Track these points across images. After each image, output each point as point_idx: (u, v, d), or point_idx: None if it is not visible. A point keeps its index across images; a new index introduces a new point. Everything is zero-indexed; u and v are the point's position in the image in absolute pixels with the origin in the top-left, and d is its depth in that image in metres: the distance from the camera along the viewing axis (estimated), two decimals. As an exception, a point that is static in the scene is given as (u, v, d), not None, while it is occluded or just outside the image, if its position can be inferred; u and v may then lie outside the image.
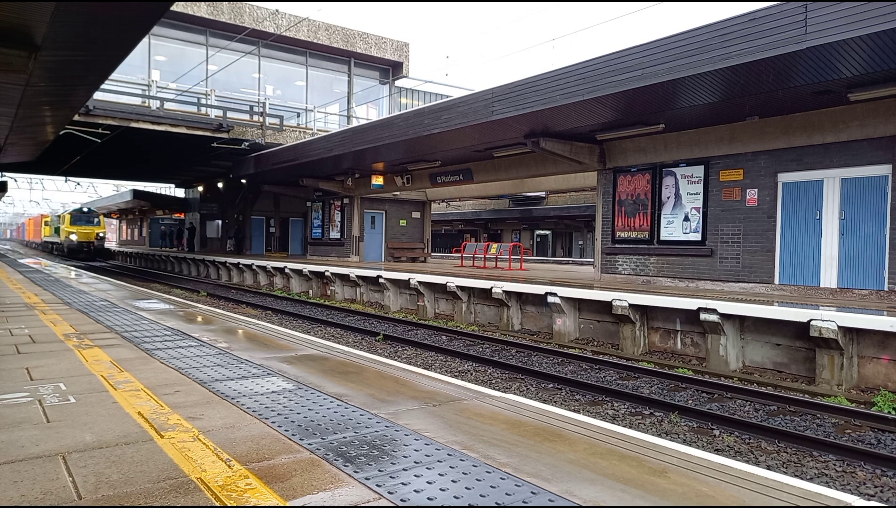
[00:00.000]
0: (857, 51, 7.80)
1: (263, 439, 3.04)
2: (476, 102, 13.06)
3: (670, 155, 13.31)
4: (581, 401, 7.44)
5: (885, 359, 7.88)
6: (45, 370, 4.51)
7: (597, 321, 11.57)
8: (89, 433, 3.07)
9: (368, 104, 30.08)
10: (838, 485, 4.95)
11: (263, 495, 2.36)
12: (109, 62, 8.18)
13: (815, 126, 10.92)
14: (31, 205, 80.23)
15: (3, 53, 7.04)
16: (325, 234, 26.64)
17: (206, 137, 21.88)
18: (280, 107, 26.58)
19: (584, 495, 2.44)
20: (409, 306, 16.46)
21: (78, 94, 10.30)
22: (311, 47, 27.95)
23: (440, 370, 9.01)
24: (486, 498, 2.38)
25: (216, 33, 25.31)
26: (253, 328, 7.29)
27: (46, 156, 21.10)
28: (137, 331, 6.57)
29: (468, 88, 32.97)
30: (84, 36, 7.04)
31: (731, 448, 5.80)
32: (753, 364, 9.29)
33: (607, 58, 10.22)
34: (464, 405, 3.83)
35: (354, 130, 18.64)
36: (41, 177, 53.20)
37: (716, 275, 12.46)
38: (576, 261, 35.15)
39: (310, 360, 5.22)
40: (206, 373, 4.53)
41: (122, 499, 2.30)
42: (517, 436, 3.20)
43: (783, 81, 9.11)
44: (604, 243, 14.87)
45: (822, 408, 6.94)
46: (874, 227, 10.39)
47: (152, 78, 23.32)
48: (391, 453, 2.87)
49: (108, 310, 8.46)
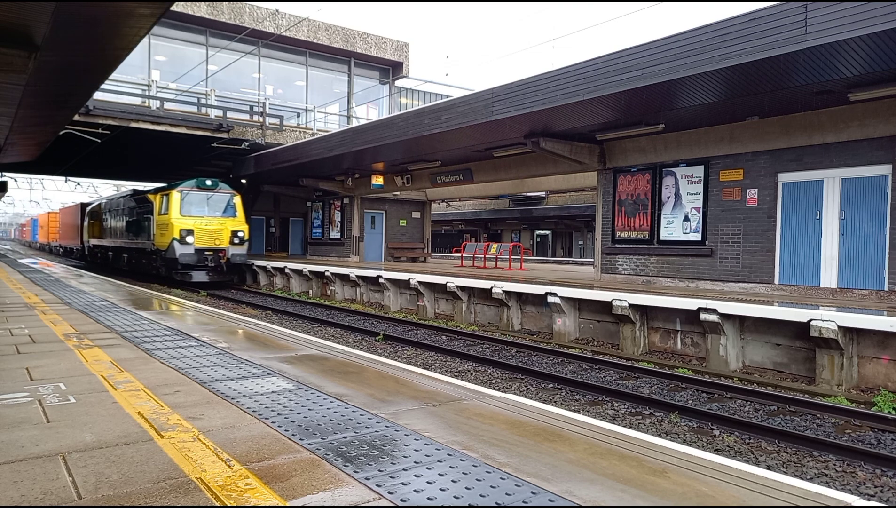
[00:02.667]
0: (857, 51, 7.80)
1: (263, 439, 3.04)
2: (476, 102, 13.06)
3: (670, 155, 13.31)
4: (581, 401, 7.44)
5: (885, 359, 7.88)
6: (45, 370, 4.51)
7: (597, 320, 11.57)
8: (89, 433, 3.07)
9: (368, 104, 30.08)
10: (838, 485, 4.95)
11: (263, 495, 2.36)
12: (109, 62, 8.18)
13: (815, 126, 10.91)
14: (31, 205, 79.31)
15: (3, 53, 7.04)
16: (325, 234, 26.64)
17: (206, 137, 21.88)
18: (280, 107, 26.58)
19: (584, 495, 2.44)
20: (409, 306, 16.46)
21: (78, 94, 10.30)
22: (311, 47, 27.94)
23: (440, 370, 9.01)
24: (487, 498, 2.38)
25: (216, 33, 25.30)
26: (253, 328, 7.29)
27: (46, 156, 21.07)
28: (137, 331, 6.57)
29: (468, 88, 32.99)
30: (84, 36, 7.04)
31: (731, 447, 5.80)
32: (753, 364, 9.29)
33: (607, 58, 10.21)
34: (464, 405, 3.83)
35: (354, 130, 18.63)
36: (41, 177, 47.11)
37: (716, 275, 12.46)
38: (576, 261, 35.15)
39: (310, 360, 5.22)
40: (206, 373, 4.53)
41: (122, 499, 2.30)
42: (517, 436, 3.20)
43: (783, 81, 9.11)
44: (604, 243, 14.87)
45: (822, 408, 6.94)
46: (874, 227, 10.39)
47: (152, 78, 23.32)
48: (391, 453, 2.87)
49: (108, 310, 8.46)
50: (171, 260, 19.88)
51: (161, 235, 20.53)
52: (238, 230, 20.97)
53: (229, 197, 21.55)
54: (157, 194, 21.54)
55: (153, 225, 21.45)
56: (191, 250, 19.74)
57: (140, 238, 23.03)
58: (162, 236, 20.45)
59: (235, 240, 20.86)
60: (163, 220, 20.61)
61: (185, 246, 19.69)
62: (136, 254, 23.87)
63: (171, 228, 19.90)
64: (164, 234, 20.26)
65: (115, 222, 26.89)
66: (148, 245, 21.99)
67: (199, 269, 20.17)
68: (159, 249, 20.69)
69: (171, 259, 19.84)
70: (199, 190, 20.84)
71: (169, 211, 20.18)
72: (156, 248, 21.10)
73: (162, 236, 20.43)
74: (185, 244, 19.61)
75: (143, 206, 22.93)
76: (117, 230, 26.52)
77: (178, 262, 19.65)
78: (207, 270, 20.41)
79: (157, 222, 21.09)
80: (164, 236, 20.24)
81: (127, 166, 30.69)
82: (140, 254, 23.32)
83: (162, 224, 20.59)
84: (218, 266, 20.58)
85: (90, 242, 32.26)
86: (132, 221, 24.26)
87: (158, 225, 20.93)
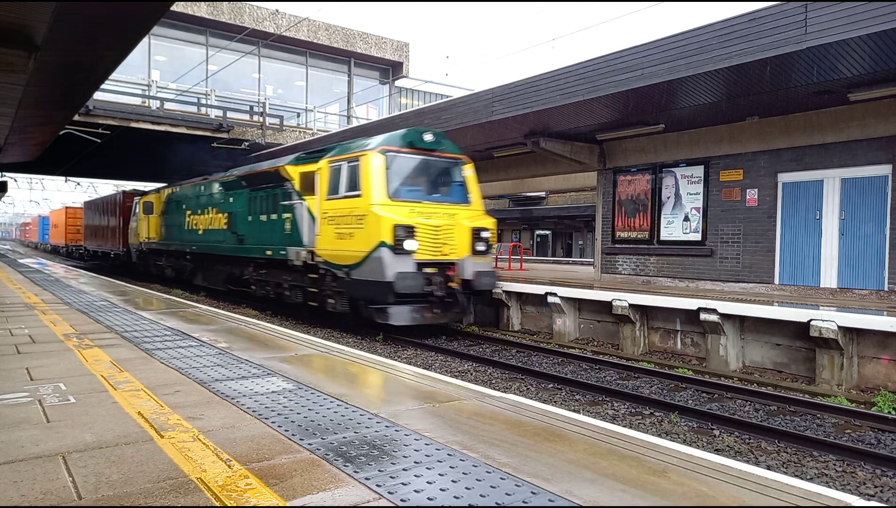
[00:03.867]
0: (857, 51, 7.80)
1: (263, 439, 3.04)
2: (476, 102, 13.06)
3: (670, 155, 13.31)
4: (581, 401, 7.44)
5: (885, 359, 7.87)
6: (45, 370, 4.51)
7: (597, 320, 11.57)
8: (89, 433, 3.07)
9: (368, 104, 30.08)
10: (838, 485, 4.95)
11: (263, 495, 2.36)
12: (109, 62, 8.19)
13: (815, 126, 10.92)
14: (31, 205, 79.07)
15: (3, 53, 7.05)
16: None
17: (206, 137, 21.90)
18: (280, 107, 26.58)
19: (584, 495, 2.44)
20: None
21: (78, 94, 10.31)
22: (311, 47, 27.95)
23: (440, 370, 9.01)
24: (487, 498, 2.38)
25: (216, 33, 25.31)
26: (253, 327, 7.30)
27: (46, 156, 21.07)
28: (137, 331, 6.57)
29: (468, 88, 33.00)
30: (84, 36, 7.04)
31: (731, 447, 5.79)
32: (753, 364, 9.29)
33: (607, 58, 10.21)
34: (464, 405, 3.83)
35: (354, 130, 18.63)
36: (41, 177, 45.97)
37: (716, 275, 12.46)
38: (576, 261, 35.15)
39: (310, 360, 5.22)
40: (206, 373, 4.53)
41: (122, 499, 2.30)
42: (517, 436, 3.20)
43: (783, 81, 9.11)
44: (604, 243, 14.87)
45: (822, 408, 6.93)
46: (874, 227, 10.39)
47: (152, 78, 23.34)
48: (391, 453, 2.87)
49: (107, 310, 8.46)
50: (373, 286, 10.37)
51: (340, 236, 11.16)
52: (481, 228, 11.26)
53: (458, 165, 11.70)
54: (319, 160, 12.10)
55: (303, 219, 12.26)
56: (410, 267, 10.30)
57: (274, 242, 13.34)
58: (343, 238, 11.10)
59: (478, 246, 11.17)
60: (343, 208, 11.07)
61: (401, 258, 10.22)
62: (259, 268, 14.44)
63: (373, 224, 10.38)
64: (352, 235, 10.85)
65: (205, 215, 17.84)
66: (295, 254, 12.31)
67: (415, 300, 10.66)
68: (334, 263, 11.28)
69: (374, 284, 10.34)
70: (411, 151, 11.07)
71: (364, 190, 10.60)
72: (322, 261, 11.58)
73: (343, 240, 11.10)
74: (401, 255, 10.22)
75: (277, 185, 13.36)
76: (210, 228, 17.45)
77: (393, 288, 10.01)
78: (429, 303, 10.86)
79: (322, 212, 11.65)
80: (352, 240, 10.83)
81: (127, 167, 30.70)
82: (273, 269, 13.75)
83: (341, 216, 11.14)
84: (449, 295, 11.01)
85: (144, 245, 23.14)
86: (251, 213, 14.64)
87: (328, 218, 11.46)
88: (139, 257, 24.24)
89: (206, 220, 17.91)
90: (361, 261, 10.52)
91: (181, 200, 20.18)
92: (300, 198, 12.48)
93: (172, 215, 20.89)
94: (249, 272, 15.06)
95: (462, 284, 11.04)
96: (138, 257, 24.36)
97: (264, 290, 14.40)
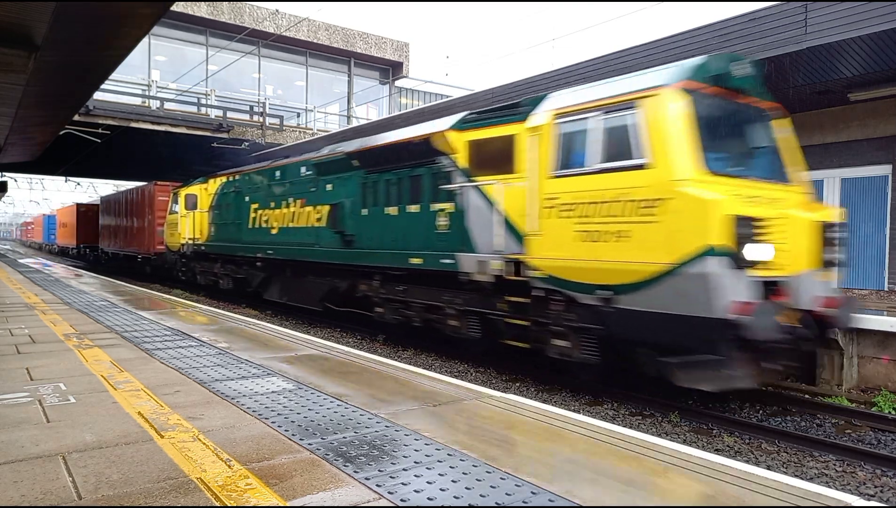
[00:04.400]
0: (857, 51, 7.80)
1: (263, 439, 3.04)
2: (476, 102, 13.06)
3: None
4: (581, 401, 7.43)
5: (885, 359, 7.87)
6: (45, 370, 4.51)
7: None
8: (89, 433, 3.07)
9: (368, 104, 30.08)
10: (838, 485, 4.94)
11: (263, 495, 2.36)
12: (109, 62, 8.18)
13: (815, 126, 10.91)
14: (31, 205, 79.07)
15: (3, 53, 7.05)
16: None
17: (206, 137, 21.90)
18: (280, 107, 26.59)
19: (584, 495, 2.44)
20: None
21: (78, 94, 10.30)
22: (311, 47, 27.95)
23: (440, 370, 9.00)
24: (487, 498, 2.38)
25: (216, 33, 25.32)
26: (253, 327, 7.29)
27: (46, 156, 21.07)
28: (137, 331, 6.57)
29: (468, 88, 33.02)
30: (84, 36, 7.04)
31: (731, 448, 5.79)
32: (753, 364, 9.27)
33: (607, 58, 10.22)
34: (464, 405, 3.83)
35: (354, 130, 18.64)
36: (41, 177, 45.46)
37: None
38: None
39: (310, 360, 5.22)
40: (206, 373, 4.53)
41: (122, 499, 2.30)
42: (517, 436, 3.20)
43: (783, 81, 9.11)
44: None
45: (822, 408, 6.93)
46: (874, 227, 10.38)
47: (152, 78, 23.34)
48: (391, 453, 2.87)
49: (107, 310, 8.46)
50: (682, 324, 5.83)
51: (590, 237, 6.56)
52: (831, 224, 6.62)
53: (770, 120, 7.06)
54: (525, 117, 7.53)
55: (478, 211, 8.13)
56: (755, 292, 5.79)
57: (421, 245, 9.17)
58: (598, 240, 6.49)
59: (829, 254, 6.63)
60: (600, 189, 6.48)
61: (740, 277, 5.66)
62: (391, 283, 10.08)
63: (685, 215, 5.73)
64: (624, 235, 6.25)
65: (283, 209, 13.45)
66: (476, 265, 8.05)
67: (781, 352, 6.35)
68: (573, 281, 6.80)
69: (684, 321, 5.80)
70: (721, 95, 6.54)
71: (658, 157, 6.04)
72: (543, 277, 7.12)
73: (599, 244, 6.48)
74: (742, 270, 5.68)
75: (422, 162, 9.18)
76: (292, 226, 13.04)
77: (736, 331, 5.51)
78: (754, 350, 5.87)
79: (544, 198, 7.11)
80: (626, 244, 6.22)
81: (127, 167, 30.72)
82: (418, 286, 9.51)
83: (592, 204, 6.54)
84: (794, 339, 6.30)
85: (188, 247, 18.48)
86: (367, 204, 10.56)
87: (560, 208, 6.92)
88: (182, 263, 19.45)
89: (284, 215, 13.36)
90: (652, 279, 6.03)
91: (243, 190, 15.57)
92: (468, 179, 8.27)
93: (229, 210, 16.23)
94: (372, 288, 10.57)
95: (803, 316, 6.37)
96: (180, 263, 19.53)
97: (400, 314, 10.07)
